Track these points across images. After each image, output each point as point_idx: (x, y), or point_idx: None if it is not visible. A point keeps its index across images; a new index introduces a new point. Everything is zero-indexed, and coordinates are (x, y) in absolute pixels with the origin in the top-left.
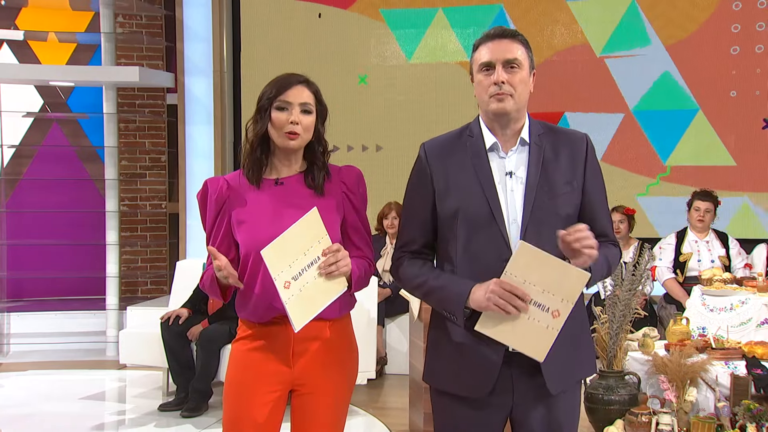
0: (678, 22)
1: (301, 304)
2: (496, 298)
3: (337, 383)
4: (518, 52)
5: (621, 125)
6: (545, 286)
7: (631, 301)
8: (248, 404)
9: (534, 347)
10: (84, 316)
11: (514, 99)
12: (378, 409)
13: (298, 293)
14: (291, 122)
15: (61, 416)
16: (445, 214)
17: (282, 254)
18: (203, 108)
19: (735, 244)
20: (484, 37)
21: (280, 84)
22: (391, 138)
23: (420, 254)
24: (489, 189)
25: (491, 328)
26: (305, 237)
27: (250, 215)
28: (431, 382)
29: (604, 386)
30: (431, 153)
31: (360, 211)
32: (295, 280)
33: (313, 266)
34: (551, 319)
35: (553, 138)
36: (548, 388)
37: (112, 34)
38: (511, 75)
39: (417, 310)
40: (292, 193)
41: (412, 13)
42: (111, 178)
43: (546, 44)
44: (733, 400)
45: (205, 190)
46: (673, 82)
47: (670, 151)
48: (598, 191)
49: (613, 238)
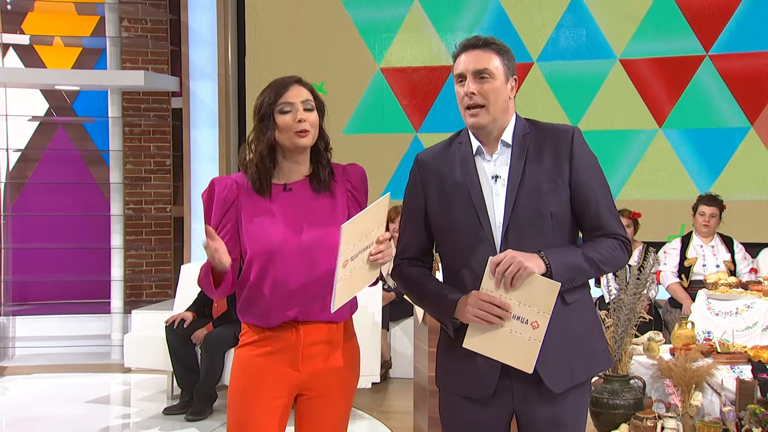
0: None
1: (346, 286)
2: (475, 310)
3: (342, 386)
4: (490, 62)
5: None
6: (520, 298)
7: (636, 305)
8: (255, 410)
9: (521, 359)
10: (89, 320)
11: (487, 110)
12: (382, 412)
13: (348, 274)
14: (298, 121)
15: (66, 419)
16: (436, 222)
17: (354, 233)
18: (208, 111)
19: (740, 249)
20: (459, 48)
21: (277, 88)
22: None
23: (416, 261)
24: (476, 194)
25: (478, 344)
26: (373, 220)
27: (260, 219)
28: (440, 383)
29: (609, 390)
30: (422, 163)
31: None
32: (352, 260)
33: (366, 251)
34: (531, 331)
35: (537, 136)
36: (549, 387)
37: (117, 38)
38: (481, 85)
39: (421, 314)
40: (301, 197)
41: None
42: (116, 181)
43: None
44: (738, 405)
45: (212, 189)
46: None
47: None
48: (591, 182)
49: (611, 231)
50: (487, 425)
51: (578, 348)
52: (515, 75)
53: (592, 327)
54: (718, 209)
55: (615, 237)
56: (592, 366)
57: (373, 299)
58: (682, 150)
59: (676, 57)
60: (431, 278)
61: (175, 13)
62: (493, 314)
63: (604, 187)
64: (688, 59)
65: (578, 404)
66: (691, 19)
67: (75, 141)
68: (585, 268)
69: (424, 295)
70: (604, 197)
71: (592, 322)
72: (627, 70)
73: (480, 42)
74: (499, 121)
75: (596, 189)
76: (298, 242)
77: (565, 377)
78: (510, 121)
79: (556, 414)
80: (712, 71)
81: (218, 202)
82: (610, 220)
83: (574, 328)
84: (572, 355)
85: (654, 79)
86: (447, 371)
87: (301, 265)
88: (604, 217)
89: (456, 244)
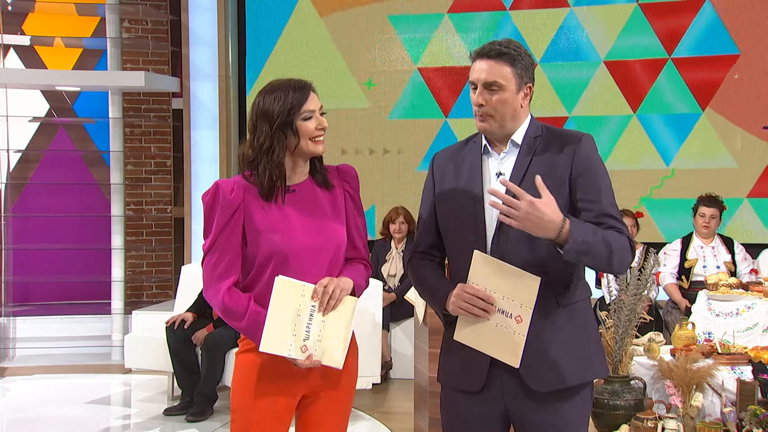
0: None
1: (329, 349)
2: (459, 302)
3: (342, 387)
4: (501, 73)
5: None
6: (504, 292)
7: (637, 306)
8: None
9: (507, 353)
10: (89, 321)
11: (495, 119)
12: (383, 413)
13: (318, 344)
14: (320, 128)
15: (67, 420)
16: (441, 218)
17: (277, 336)
18: (209, 113)
19: (741, 249)
20: (473, 53)
21: (298, 94)
22: (397, 142)
23: (426, 255)
24: (477, 192)
25: (467, 337)
26: (287, 306)
27: (270, 223)
28: (439, 379)
29: (609, 391)
30: (437, 160)
31: (359, 208)
32: (308, 340)
33: (314, 316)
34: (516, 325)
35: (548, 139)
36: (530, 385)
37: (118, 39)
38: (490, 96)
39: (422, 315)
40: (306, 198)
41: (418, 18)
42: (116, 182)
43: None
44: (739, 406)
45: (216, 192)
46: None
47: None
48: (593, 180)
49: (618, 225)
50: (481, 421)
51: (569, 351)
52: (530, 81)
53: (588, 333)
54: (718, 210)
55: (620, 231)
56: (584, 371)
57: (373, 300)
58: (652, 130)
59: (645, 59)
60: (433, 272)
61: (176, 14)
62: (478, 307)
63: (607, 189)
64: (655, 61)
65: (575, 410)
66: (657, 29)
67: (75, 142)
68: (599, 244)
69: (425, 288)
70: (606, 198)
71: (589, 329)
72: (610, 69)
73: (493, 52)
74: (508, 126)
75: (601, 184)
76: (310, 243)
77: (550, 378)
78: (522, 124)
79: (548, 416)
80: (674, 70)
81: (223, 206)
82: (611, 221)
83: (566, 331)
84: (561, 357)
85: (630, 76)
86: (444, 365)
87: (314, 265)
88: (609, 209)
89: (455, 239)
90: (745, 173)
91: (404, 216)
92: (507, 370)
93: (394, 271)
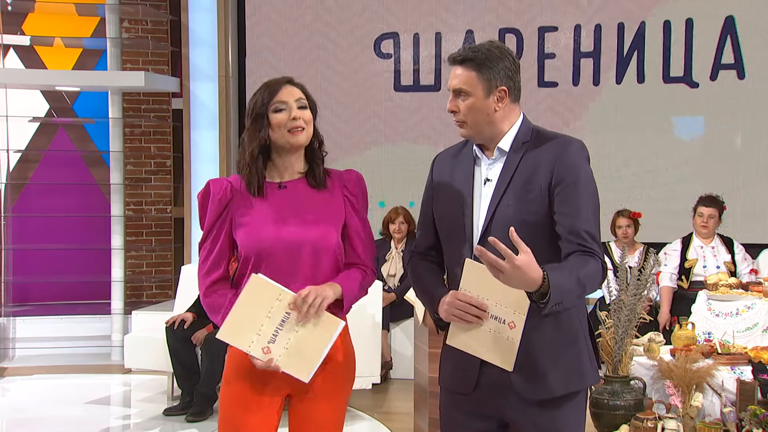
0: None
1: (296, 359)
2: (452, 309)
3: (336, 387)
4: (466, 80)
5: None
6: (497, 299)
7: (637, 306)
8: (248, 412)
9: (501, 358)
10: (89, 321)
11: (468, 125)
12: (383, 413)
13: (284, 351)
14: (293, 118)
15: (67, 420)
16: (438, 220)
17: (240, 329)
18: (208, 113)
19: (740, 249)
20: (448, 59)
21: (271, 88)
22: (399, 137)
23: (425, 256)
24: (466, 196)
25: (460, 341)
26: (258, 303)
27: (253, 218)
28: (439, 380)
29: (609, 391)
30: (436, 162)
31: (361, 212)
32: (273, 344)
33: (287, 322)
34: (509, 331)
35: (536, 145)
36: (517, 390)
37: (118, 39)
38: (460, 103)
39: (422, 315)
40: (296, 195)
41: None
42: (116, 182)
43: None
44: (739, 406)
45: (207, 190)
46: None
47: None
48: (572, 192)
49: (589, 247)
50: (474, 423)
51: (556, 361)
52: (504, 84)
53: (577, 341)
54: (717, 210)
55: (592, 253)
56: (571, 382)
57: (373, 300)
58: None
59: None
60: (429, 274)
61: (176, 14)
62: (470, 314)
63: (587, 202)
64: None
65: (566, 416)
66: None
67: (75, 142)
68: (574, 293)
69: (420, 290)
70: (583, 213)
71: (578, 336)
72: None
73: (459, 57)
74: (487, 132)
75: (576, 203)
76: (287, 241)
77: (537, 388)
78: (511, 129)
79: (541, 422)
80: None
81: (213, 203)
82: (581, 240)
83: (553, 340)
84: (549, 367)
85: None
86: (441, 367)
87: (291, 263)
88: (583, 224)
89: (448, 243)
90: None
91: (404, 216)
92: (498, 373)
93: (393, 271)
